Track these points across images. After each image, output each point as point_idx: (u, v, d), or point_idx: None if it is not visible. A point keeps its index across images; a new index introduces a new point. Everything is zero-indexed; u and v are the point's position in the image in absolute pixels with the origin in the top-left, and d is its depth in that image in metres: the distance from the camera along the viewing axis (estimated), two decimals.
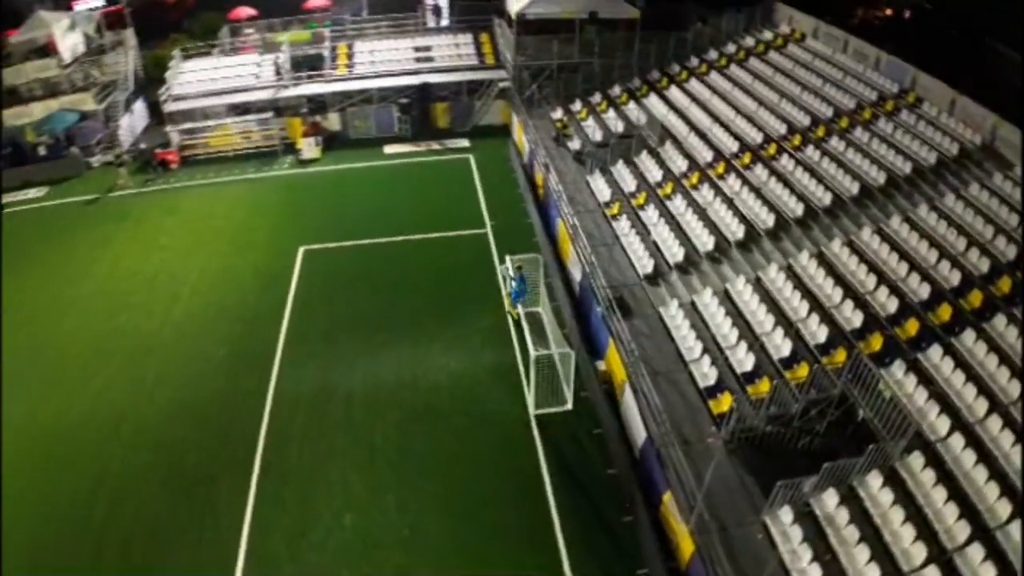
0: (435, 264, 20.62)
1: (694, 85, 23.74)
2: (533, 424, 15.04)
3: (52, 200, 26.20)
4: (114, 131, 28.57)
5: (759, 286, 15.35)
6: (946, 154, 16.71)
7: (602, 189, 20.61)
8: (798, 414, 12.51)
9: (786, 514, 11.00)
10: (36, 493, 14.29)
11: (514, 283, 16.68)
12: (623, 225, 18.83)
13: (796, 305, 14.47)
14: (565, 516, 13.06)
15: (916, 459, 11.13)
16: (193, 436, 15.43)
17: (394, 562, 12.56)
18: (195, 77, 28.89)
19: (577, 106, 25.62)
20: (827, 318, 13.87)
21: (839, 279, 14.64)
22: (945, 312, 13.04)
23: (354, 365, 17.10)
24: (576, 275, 18.42)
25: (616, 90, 25.42)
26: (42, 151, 27.65)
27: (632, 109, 23.93)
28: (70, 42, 28.38)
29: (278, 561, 12.71)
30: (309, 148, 27.25)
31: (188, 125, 27.58)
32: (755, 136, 19.92)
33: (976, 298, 13.08)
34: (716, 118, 21.49)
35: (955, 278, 13.54)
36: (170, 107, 27.63)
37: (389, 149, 27.74)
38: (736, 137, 20.25)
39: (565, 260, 19.53)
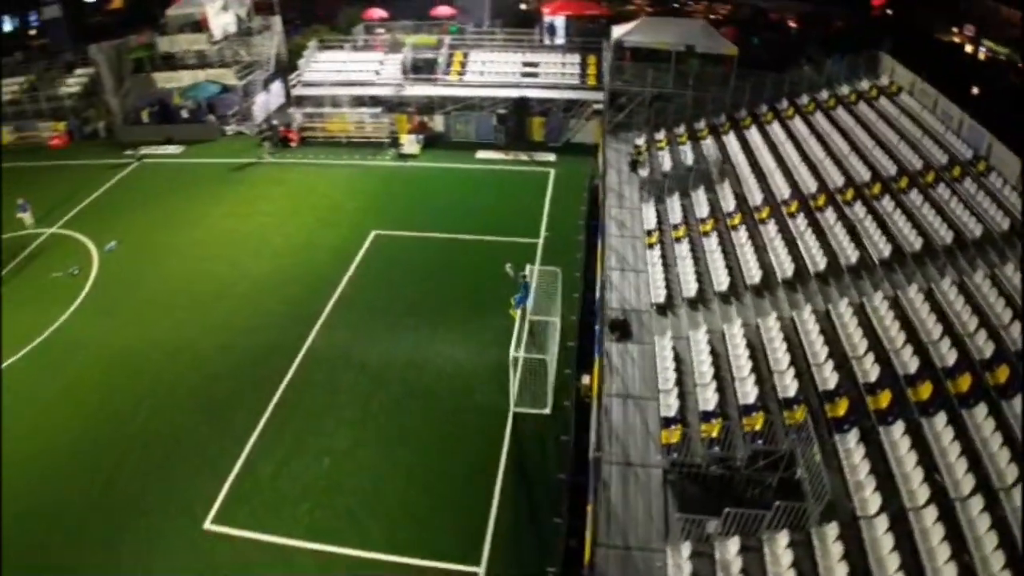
0: (479, 265, 22.36)
1: (775, 128, 23.68)
2: (509, 420, 16.27)
3: (185, 158, 31.36)
4: (249, 106, 33.22)
5: (754, 332, 15.53)
6: (994, 228, 15.80)
7: (650, 217, 21.29)
8: (745, 462, 12.77)
9: (686, 548, 11.45)
10: (100, 391, 17.90)
11: (520, 289, 18.02)
12: (655, 254, 19.46)
13: (779, 356, 14.58)
14: (504, 505, 14.25)
15: (832, 529, 11.12)
16: (234, 371, 18.38)
17: (347, 506, 14.47)
18: (325, 67, 32.94)
19: (660, 135, 26.27)
20: (802, 375, 13.88)
21: (830, 337, 14.53)
22: (925, 391, 12.69)
23: (378, 339, 19.28)
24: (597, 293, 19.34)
25: (700, 124, 25.75)
26: (185, 114, 32.98)
27: (708, 144, 24.26)
28: (222, 21, 33.23)
29: (260, 480, 15.13)
30: (410, 144, 30.11)
31: (310, 110, 31.50)
32: (810, 185, 19.75)
33: (964, 382, 12.58)
34: (781, 162, 21.45)
35: (951, 357, 13.06)
36: (299, 91, 31.77)
37: (481, 154, 29.92)
38: (792, 183, 20.14)
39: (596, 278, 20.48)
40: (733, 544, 11.34)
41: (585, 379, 16.74)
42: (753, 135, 23.84)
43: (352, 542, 13.67)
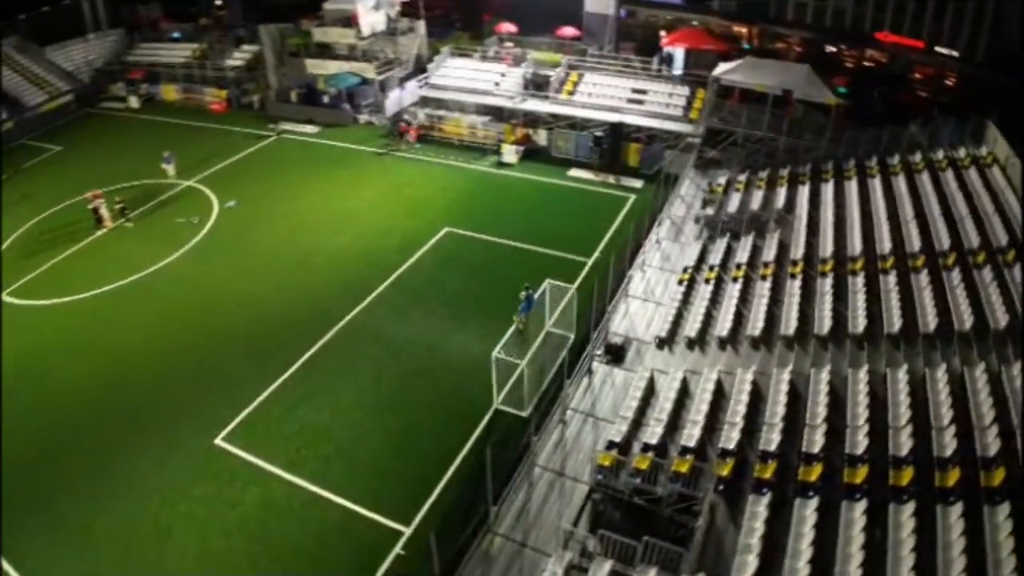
0: (525, 273, 23.86)
1: (852, 184, 23.24)
2: (489, 413, 17.98)
3: (317, 139, 36.19)
4: (382, 100, 37.35)
5: (730, 380, 16.04)
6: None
7: (692, 255, 21.96)
8: (666, 500, 13.55)
9: (566, 559, 12.53)
10: (178, 320, 22.23)
11: (524, 300, 19.74)
12: (680, 291, 20.22)
13: (739, 408, 15.02)
14: (451, 484, 16.02)
15: None
16: (284, 326, 21.79)
17: (326, 452, 17.09)
18: (453, 72, 36.30)
19: (742, 176, 26.51)
20: (752, 432, 14.32)
21: (795, 400, 14.78)
22: (860, 473, 12.69)
23: (409, 322, 21.81)
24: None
25: (784, 171, 25.70)
26: (326, 99, 37.85)
27: (781, 192, 24.25)
28: (371, 19, 37.52)
29: (269, 417, 18.30)
30: (510, 154, 32.54)
31: (431, 111, 34.96)
32: (855, 247, 19.47)
33: (953, 476, 12.21)
34: (840, 220, 21.17)
35: (903, 446, 12.93)
36: (424, 92, 35.32)
37: (573, 172, 31.62)
38: (836, 243, 19.98)
39: None
40: (606, 565, 12.23)
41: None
42: (827, 188, 23.52)
43: (316, 481, 16.25)
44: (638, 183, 30.39)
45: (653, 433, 14.97)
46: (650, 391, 16.47)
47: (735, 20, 40.86)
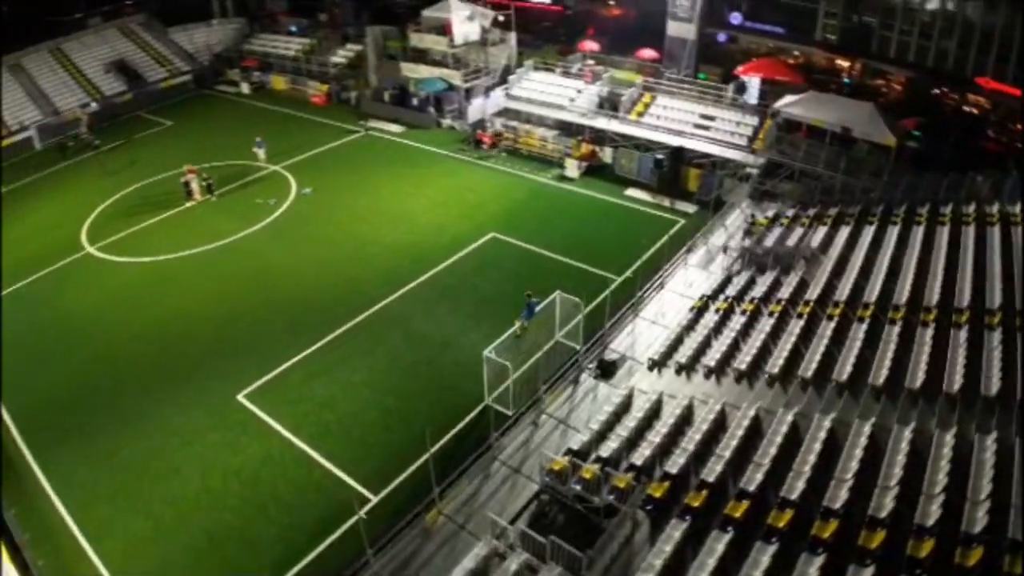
0: (555, 283, 25.00)
1: (894, 230, 22.86)
2: (478, 409, 19.39)
3: (400, 138, 39.08)
4: (465, 106, 39.65)
5: (702, 407, 16.69)
6: None
7: (712, 283, 22.46)
8: (602, 511, 14.47)
9: (489, 546, 13.74)
10: (237, 287, 25.52)
11: (528, 305, 21.04)
12: (689, 317, 20.84)
13: (697, 436, 15.62)
14: (424, 466, 17.39)
15: None
16: (324, 305, 24.31)
17: (327, 420, 19.26)
18: (533, 85, 38.01)
19: (791, 211, 26.51)
20: (701, 457, 14.97)
21: (755, 437, 15.25)
22: (784, 518, 12.94)
23: (432, 315, 23.67)
24: None
25: (832, 210, 25.51)
26: (415, 102, 40.52)
27: (822, 231, 24.18)
28: (464, 29, 39.77)
29: (287, 382, 20.80)
30: (572, 168, 33.85)
31: (506, 121, 36.87)
32: (873, 293, 19.39)
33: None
34: (869, 264, 21.10)
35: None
36: (504, 102, 37.27)
37: (630, 191, 32.46)
38: (855, 286, 19.97)
39: None
40: (522, 557, 13.22)
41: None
42: (868, 232, 23.21)
43: (311, 443, 18.44)
44: (691, 208, 30.79)
45: (609, 447, 15.89)
46: (625, 408, 17.33)
47: (837, 53, 40.01)
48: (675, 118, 33.36)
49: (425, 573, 13.77)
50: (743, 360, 18.00)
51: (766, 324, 19.40)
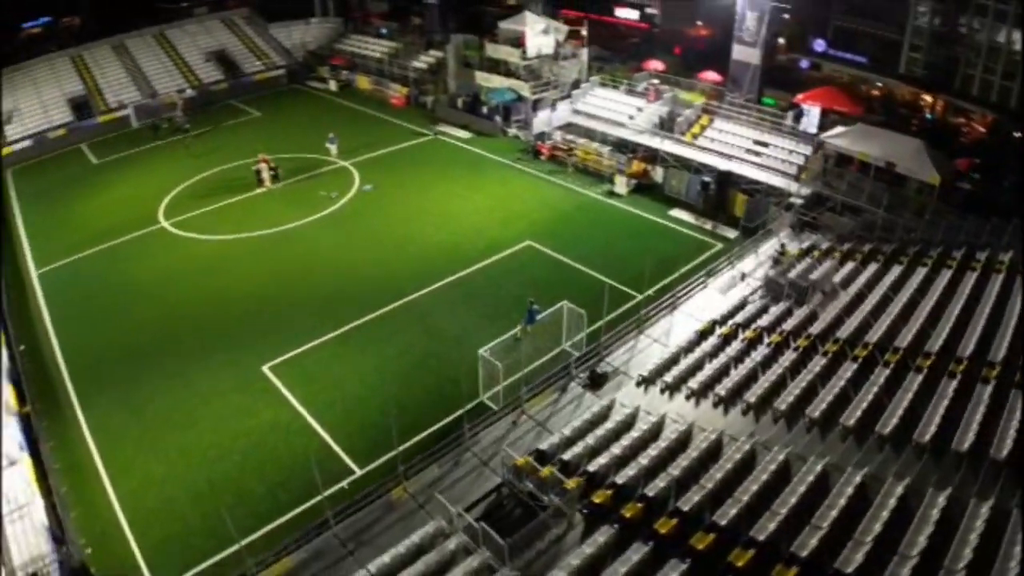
0: (576, 294, 25.96)
1: (921, 271, 22.54)
2: (473, 403, 20.67)
3: (465, 144, 41.11)
4: (531, 118, 41.13)
5: (672, 426, 17.40)
6: None
7: (725, 308, 22.90)
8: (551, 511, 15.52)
9: (437, 524, 15.04)
10: (286, 268, 28.20)
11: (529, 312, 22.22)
12: (691, 339, 21.45)
13: (654, 452, 16.31)
14: (410, 450, 19.07)
15: None
16: (358, 293, 26.34)
17: (334, 398, 21.15)
18: (595, 101, 39.05)
19: (825, 244, 26.43)
20: (651, 472, 15.74)
21: (711, 460, 15.87)
22: (706, 540, 13.46)
23: (452, 313, 25.22)
24: None
25: (866, 246, 25.30)
26: (484, 110, 42.32)
27: (849, 266, 24.09)
28: (538, 42, 41.24)
29: (307, 359, 22.92)
30: (621, 185, 34.66)
31: (562, 134, 38.10)
32: (876, 333, 19.40)
33: None
34: (884, 303, 21.04)
35: None
36: (566, 115, 38.52)
37: (675, 212, 32.91)
38: (861, 325, 20.01)
39: None
40: (459, 538, 14.49)
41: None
42: (895, 271, 22.94)
43: (315, 416, 20.38)
44: (733, 234, 30.91)
45: (573, 452, 16.87)
46: (602, 418, 18.21)
47: (920, 87, 38.90)
48: (728, 142, 33.57)
49: (377, 540, 15.24)
50: (725, 386, 18.50)
51: (761, 353, 19.77)
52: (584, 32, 42.93)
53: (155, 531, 16.86)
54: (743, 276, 24.70)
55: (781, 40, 47.15)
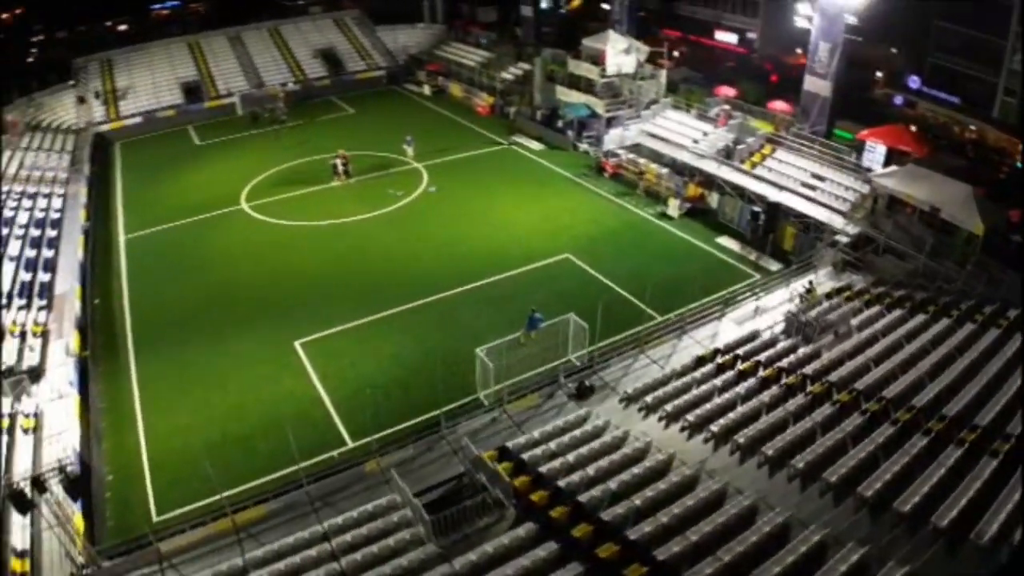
0: (596, 307, 26.89)
1: (943, 322, 21.93)
2: (470, 397, 22.13)
3: (535, 155, 42.68)
4: (602, 134, 42.10)
5: (633, 443, 18.18)
6: None
7: (729, 337, 23.21)
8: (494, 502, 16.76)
9: (402, 495, 16.69)
10: (339, 256, 30.90)
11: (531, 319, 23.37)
12: (688, 364, 21.98)
13: (605, 464, 17.15)
14: (401, 431, 20.76)
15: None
16: (395, 286, 28.39)
17: (348, 375, 23.24)
18: (664, 123, 39.53)
19: (860, 285, 25.98)
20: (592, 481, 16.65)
21: (658, 479, 16.57)
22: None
23: (476, 314, 26.70)
24: None
25: (899, 292, 24.70)
26: (559, 124, 43.64)
27: (872, 311, 23.72)
28: (618, 60, 41.94)
29: (335, 339, 25.17)
30: (674, 208, 35.04)
31: (626, 153, 38.88)
32: (868, 381, 19.26)
33: None
34: (888, 352, 20.76)
35: None
36: (634, 135, 39.28)
37: (721, 239, 32.84)
38: (856, 371, 19.89)
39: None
40: (403, 511, 16.05)
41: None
42: (915, 320, 22.38)
43: (327, 390, 22.55)
44: (776, 266, 30.66)
45: (535, 455, 17.99)
46: (573, 426, 19.21)
47: (1012, 133, 36.80)
48: (785, 173, 33.18)
49: (340, 504, 17.06)
50: (695, 413, 18.99)
51: (745, 386, 20.04)
52: (665, 54, 43.28)
53: (168, 470, 19.52)
54: (757, 309, 24.77)
55: (879, 74, 45.85)
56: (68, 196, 34.61)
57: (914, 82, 41.66)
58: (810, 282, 26.38)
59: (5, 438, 17.06)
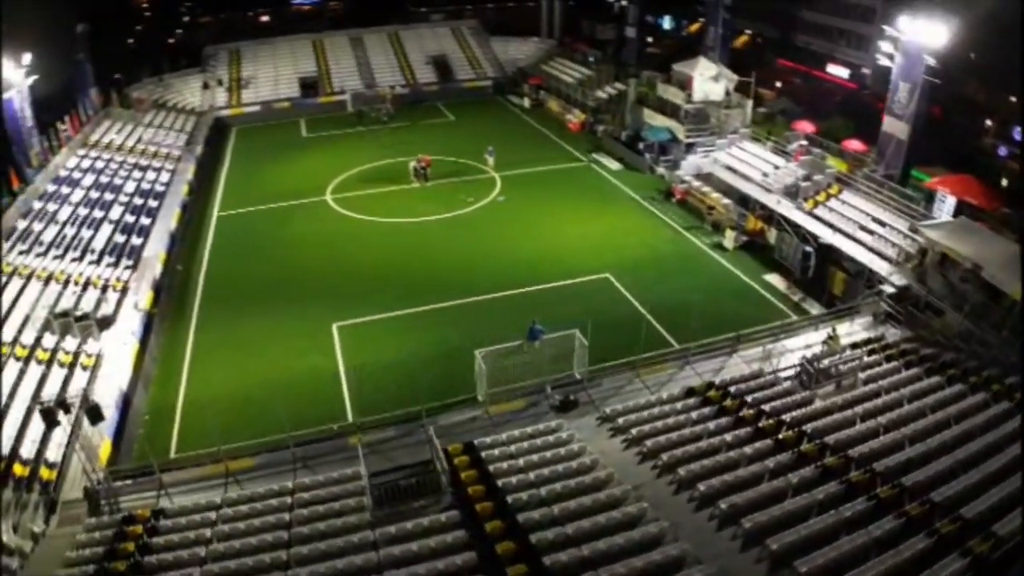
0: (616, 329, 26.94)
1: (951, 389, 20.90)
2: (471, 396, 23.58)
3: (611, 175, 43.35)
4: (680, 160, 42.15)
5: (577, 459, 19.03)
6: None
7: (733, 373, 23.28)
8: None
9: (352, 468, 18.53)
10: (393, 252, 33.39)
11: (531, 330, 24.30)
12: (676, 394, 22.38)
13: (546, 472, 18.11)
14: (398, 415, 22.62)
15: None
16: (436, 284, 30.35)
17: (365, 360, 25.02)
18: (739, 153, 39.06)
19: (894, 338, 25.08)
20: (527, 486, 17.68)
21: (586, 493, 17.37)
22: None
23: (501, 319, 27.95)
24: None
25: (928, 350, 23.66)
26: (641, 145, 43.99)
27: (888, 367, 22.96)
28: (705, 87, 41.72)
29: (364, 329, 27.43)
30: (729, 239, 34.67)
31: (692, 180, 38.82)
32: (839, 438, 18.79)
33: None
34: (877, 411, 20.16)
35: None
36: (707, 165, 39.19)
37: (768, 277, 32.03)
38: (834, 425, 19.53)
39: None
40: (358, 484, 17.75)
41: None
42: (926, 382, 21.38)
43: (345, 370, 24.73)
44: (815, 309, 29.79)
45: (492, 454, 19.14)
46: (540, 434, 20.19)
47: None
48: (846, 214, 32.02)
49: (318, 467, 19.17)
50: (657, 440, 19.41)
51: (718, 423, 20.20)
52: (753, 81, 42.58)
53: (193, 418, 22.51)
54: (766, 350, 24.47)
55: (988, 122, 42.81)
56: (177, 172, 39.57)
57: (1017, 134, 38.61)
58: (833, 329, 25.63)
59: (65, 371, 20.64)
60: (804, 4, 53.68)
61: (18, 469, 16.74)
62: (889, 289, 27.76)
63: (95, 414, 17.36)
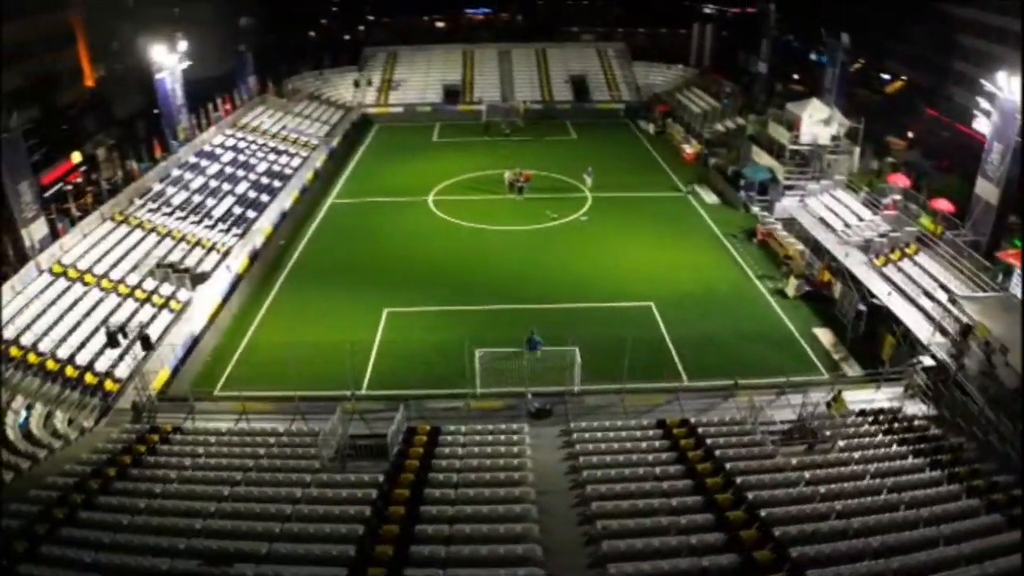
0: (634, 357, 27.23)
1: (951, 486, 19.30)
2: (467, 387, 25.61)
3: (705, 208, 42.86)
4: (773, 201, 40.84)
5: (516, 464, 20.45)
6: None
7: (719, 416, 23.32)
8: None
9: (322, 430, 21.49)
10: (465, 255, 36.20)
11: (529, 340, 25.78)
12: (648, 423, 22.94)
13: (486, 477, 19.89)
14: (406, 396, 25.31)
15: None
16: (488, 286, 32.75)
17: (396, 341, 28.22)
18: (829, 201, 37.24)
19: (912, 413, 23.60)
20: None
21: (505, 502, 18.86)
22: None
23: (528, 330, 29.84)
24: None
25: (936, 431, 22.04)
26: (742, 183, 42.87)
27: (876, 440, 21.74)
28: (814, 130, 39.89)
29: (406, 316, 30.45)
30: (791, 287, 33.30)
31: (774, 222, 37.61)
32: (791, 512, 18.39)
33: None
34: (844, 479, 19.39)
35: None
36: (795, 209, 37.84)
37: (817, 331, 30.44)
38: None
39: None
40: (333, 440, 20.71)
41: None
42: (912, 460, 20.13)
43: (378, 350, 27.74)
44: (851, 370, 28.12)
45: (446, 439, 21.16)
46: (499, 433, 21.76)
47: None
48: (914, 277, 29.71)
49: (311, 421, 22.33)
50: (588, 459, 20.14)
51: (658, 456, 20.59)
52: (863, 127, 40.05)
53: (244, 366, 26.79)
54: (777, 430, 23.72)
55: None
56: (309, 159, 45.15)
57: None
58: (839, 391, 24.55)
59: (155, 310, 25.81)
60: (958, 53, 48.86)
61: (89, 378, 21.60)
62: (928, 361, 25.83)
63: (147, 342, 21.87)
